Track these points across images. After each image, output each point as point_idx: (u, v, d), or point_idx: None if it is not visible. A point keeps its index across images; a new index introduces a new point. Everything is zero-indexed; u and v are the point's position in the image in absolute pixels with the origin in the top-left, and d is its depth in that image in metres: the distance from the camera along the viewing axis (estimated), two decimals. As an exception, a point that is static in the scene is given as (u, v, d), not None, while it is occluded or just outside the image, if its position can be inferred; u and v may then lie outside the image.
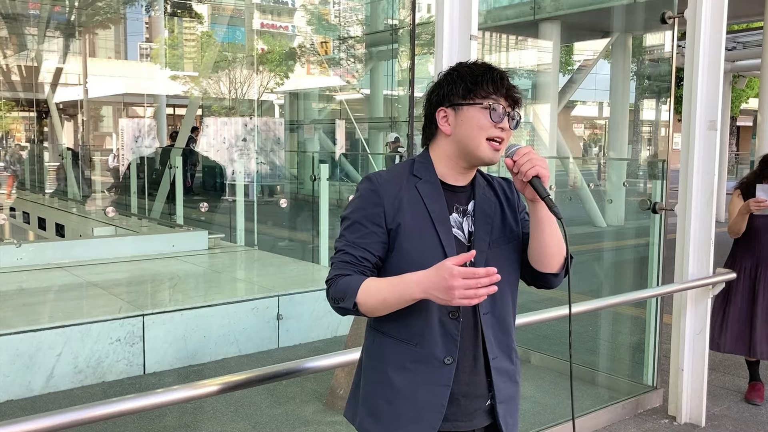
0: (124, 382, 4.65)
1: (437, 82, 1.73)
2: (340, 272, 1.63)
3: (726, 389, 4.67)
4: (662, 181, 4.43)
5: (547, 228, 1.68)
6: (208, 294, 5.74)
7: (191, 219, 9.48)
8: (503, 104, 1.65)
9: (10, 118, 18.03)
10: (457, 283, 1.44)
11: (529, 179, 1.62)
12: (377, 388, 1.70)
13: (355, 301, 1.57)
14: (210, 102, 16.75)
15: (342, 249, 1.66)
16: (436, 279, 1.48)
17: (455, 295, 1.45)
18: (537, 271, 1.75)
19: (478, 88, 1.64)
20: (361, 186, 1.70)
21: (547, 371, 4.85)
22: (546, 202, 1.63)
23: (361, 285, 1.58)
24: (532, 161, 1.61)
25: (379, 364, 1.70)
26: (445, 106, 1.68)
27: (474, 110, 1.65)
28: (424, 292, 1.50)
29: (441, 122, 1.69)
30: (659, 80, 14.51)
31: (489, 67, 1.69)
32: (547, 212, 1.65)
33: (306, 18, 21.71)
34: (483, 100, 1.64)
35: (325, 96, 18.15)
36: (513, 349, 1.77)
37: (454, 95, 1.67)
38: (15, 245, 6.67)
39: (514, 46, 13.06)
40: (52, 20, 14.76)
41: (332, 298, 1.63)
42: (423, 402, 1.65)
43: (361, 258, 1.63)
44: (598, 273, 7.14)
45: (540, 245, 1.71)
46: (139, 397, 1.99)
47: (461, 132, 1.66)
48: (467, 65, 1.71)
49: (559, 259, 1.72)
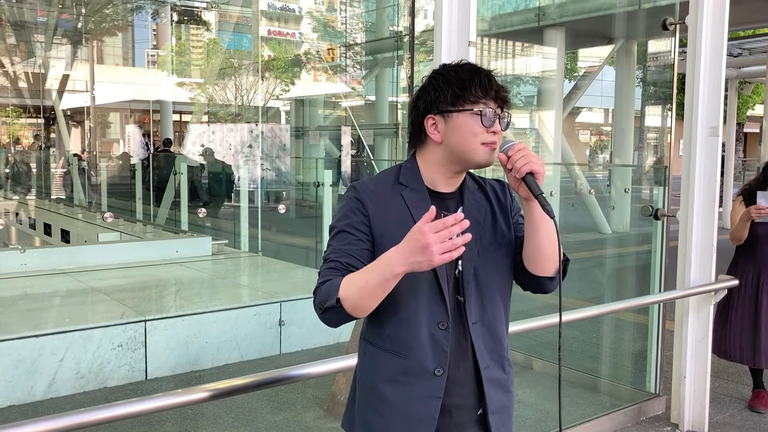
0: (126, 388, 4.66)
1: (423, 87, 1.67)
2: (325, 279, 1.59)
3: (729, 397, 4.64)
4: (664, 187, 4.42)
5: (542, 228, 1.63)
6: (210, 300, 5.75)
7: (196, 225, 9.51)
8: (493, 107, 1.61)
9: (18, 124, 18.14)
10: (431, 238, 1.39)
11: (523, 176, 1.58)
12: (369, 400, 1.69)
13: (338, 296, 1.51)
14: (216, 108, 16.82)
15: (329, 258, 1.63)
16: (410, 244, 1.43)
17: (433, 251, 1.39)
18: (532, 275, 1.70)
19: (467, 94, 1.59)
20: (346, 195, 1.68)
21: (548, 378, 4.83)
22: (539, 200, 1.58)
23: (342, 280, 1.53)
24: (527, 157, 1.57)
25: (371, 376, 1.68)
26: (433, 114, 1.63)
27: (464, 117, 1.60)
28: (405, 263, 1.44)
29: (430, 130, 1.64)
30: (664, 86, 14.49)
31: (475, 68, 1.63)
32: (542, 212, 1.61)
33: (312, 25, 21.82)
34: (473, 105, 1.59)
35: (331, 102, 18.20)
36: (506, 358, 1.74)
37: (442, 102, 1.61)
38: (20, 251, 6.70)
39: (518, 52, 13.07)
40: (60, 27, 14.88)
41: (317, 305, 1.59)
42: (414, 416, 1.63)
43: (347, 264, 1.60)
44: (601, 279, 7.12)
45: (534, 246, 1.66)
46: (137, 401, 1.99)
47: (454, 139, 1.61)
48: (452, 68, 1.64)
49: (554, 262, 1.67)
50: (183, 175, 9.59)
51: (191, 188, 13.08)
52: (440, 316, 1.62)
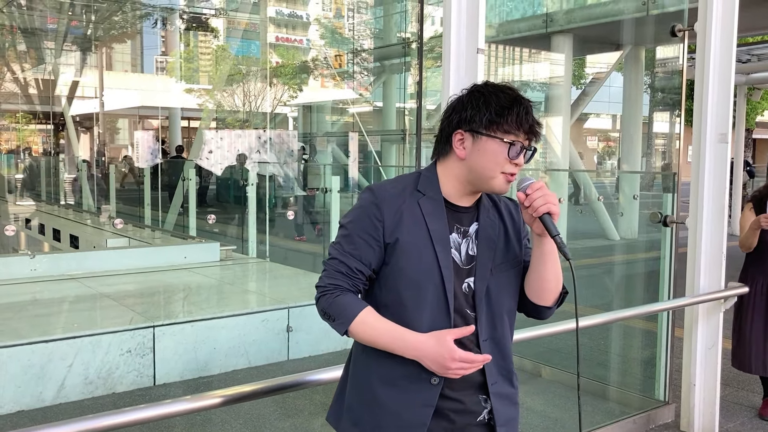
0: (134, 394, 4.67)
1: (460, 99, 1.66)
2: (334, 282, 1.64)
3: (740, 405, 4.61)
4: (673, 194, 4.41)
5: (549, 263, 1.66)
6: (218, 306, 5.76)
7: (204, 231, 9.54)
8: (522, 139, 1.60)
9: (27, 130, 18.25)
10: (455, 366, 1.53)
11: (540, 215, 1.59)
12: (362, 398, 1.69)
13: (348, 329, 1.60)
14: (224, 115, 16.87)
15: (337, 257, 1.65)
16: (434, 353, 1.54)
17: (449, 374, 1.55)
18: (531, 302, 1.74)
19: (502, 122, 1.58)
20: (362, 196, 1.68)
21: (557, 385, 4.81)
22: (556, 241, 1.60)
23: (358, 315, 1.58)
24: (545, 197, 1.58)
25: (366, 375, 1.69)
26: (463, 130, 1.62)
27: (494, 143, 1.59)
28: (418, 357, 1.57)
29: (456, 144, 1.64)
30: (672, 92, 14.45)
31: (516, 98, 1.61)
32: (552, 248, 1.63)
33: (320, 32, 21.88)
34: (504, 135, 1.59)
35: (338, 109, 18.23)
36: (513, 372, 1.76)
37: (475, 122, 1.60)
38: (29, 256, 6.74)
39: (526, 59, 13.07)
40: (70, 34, 14.97)
41: (323, 312, 1.64)
42: (406, 420, 1.64)
43: (356, 270, 1.63)
44: (610, 286, 7.09)
45: (539, 278, 1.69)
46: (146, 407, 2.00)
47: (476, 161, 1.61)
48: (494, 90, 1.62)
49: (555, 294, 1.72)
50: (191, 181, 9.62)
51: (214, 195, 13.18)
52: (442, 327, 1.63)
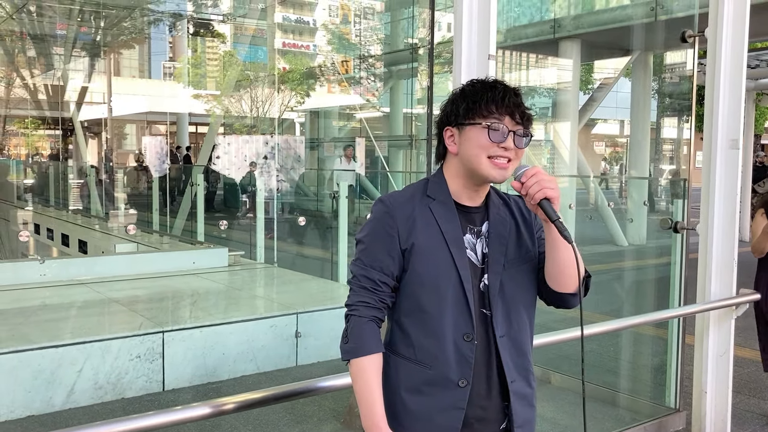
0: (143, 399, 4.67)
1: (446, 100, 1.73)
2: (361, 299, 1.66)
3: (751, 413, 4.58)
4: (683, 200, 4.39)
5: (562, 248, 1.64)
6: (227, 311, 5.76)
7: (211, 236, 9.55)
8: (507, 123, 1.61)
9: (36, 135, 18.34)
10: None
11: (538, 202, 1.58)
12: (391, 408, 1.69)
13: (351, 360, 1.65)
14: (232, 120, 16.93)
15: (359, 274, 1.67)
16: None
17: None
18: (554, 291, 1.73)
19: (479, 108, 1.62)
20: (374, 208, 1.70)
21: (567, 392, 4.79)
22: (556, 225, 1.58)
23: (365, 358, 1.63)
24: (540, 183, 1.57)
25: (393, 386, 1.69)
26: (450, 126, 1.68)
27: (475, 130, 1.62)
28: (366, 428, 1.63)
29: (448, 141, 1.69)
30: (681, 98, 14.41)
31: (493, 84, 1.65)
32: None
33: (327, 37, 21.94)
34: (483, 119, 1.61)
35: (346, 114, 18.27)
36: (530, 372, 1.75)
37: (456, 115, 1.66)
38: (39, 261, 6.76)
39: (534, 64, 13.06)
40: (79, 40, 15.07)
41: (345, 331, 1.68)
42: (438, 425, 1.64)
43: (380, 282, 1.65)
44: (619, 292, 7.06)
45: (555, 265, 1.68)
46: (157, 414, 2.00)
47: (464, 151, 1.65)
48: (473, 83, 1.68)
49: (575, 279, 1.68)
50: (199, 187, 9.65)
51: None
52: (465, 327, 1.64)
